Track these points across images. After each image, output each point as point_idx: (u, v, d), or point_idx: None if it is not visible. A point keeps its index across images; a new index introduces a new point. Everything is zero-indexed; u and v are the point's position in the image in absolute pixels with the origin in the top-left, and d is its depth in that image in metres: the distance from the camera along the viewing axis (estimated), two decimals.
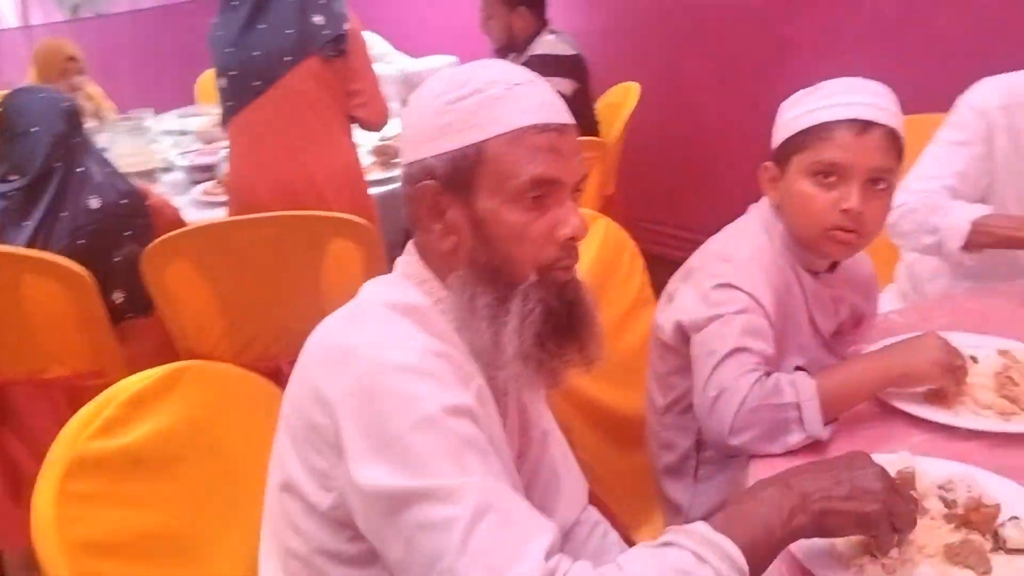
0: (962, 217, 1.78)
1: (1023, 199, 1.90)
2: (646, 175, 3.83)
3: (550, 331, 1.00)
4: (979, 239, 1.76)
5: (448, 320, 1.01)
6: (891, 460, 1.15)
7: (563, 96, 1.05)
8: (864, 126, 1.29)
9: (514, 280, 0.99)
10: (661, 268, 1.89)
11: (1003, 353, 1.39)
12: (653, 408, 1.58)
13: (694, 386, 1.34)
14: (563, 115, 1.02)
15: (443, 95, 1.00)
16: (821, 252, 1.39)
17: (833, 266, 1.46)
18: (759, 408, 1.22)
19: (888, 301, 2.12)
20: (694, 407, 1.33)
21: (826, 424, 1.22)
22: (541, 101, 1.00)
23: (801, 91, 1.40)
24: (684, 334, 1.39)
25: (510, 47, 3.35)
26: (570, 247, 1.01)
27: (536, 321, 0.98)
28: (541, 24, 3.33)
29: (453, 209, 1.00)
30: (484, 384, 0.99)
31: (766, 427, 1.22)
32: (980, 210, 1.79)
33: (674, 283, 1.50)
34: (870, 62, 2.98)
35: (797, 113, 1.37)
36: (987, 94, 1.89)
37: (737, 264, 1.35)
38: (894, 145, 1.33)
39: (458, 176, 0.99)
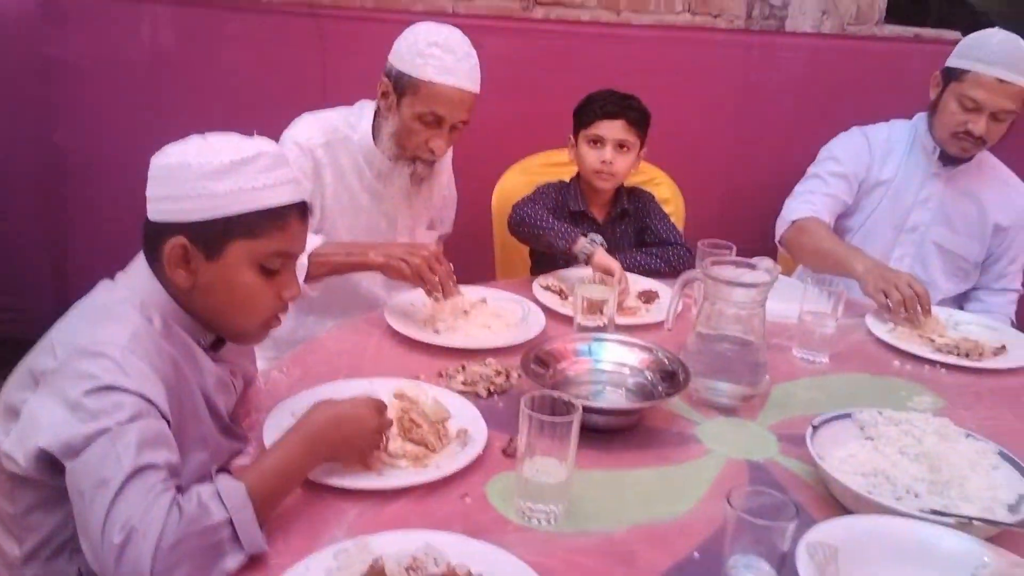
0: None
1: (353, 231, 1.97)
2: None
3: None
4: (317, 270, 1.76)
5: None
6: (348, 549, 1.02)
7: None
8: (303, 209, 1.20)
9: None
10: None
11: (399, 396, 1.37)
12: (5, 562, 1.14)
13: (81, 528, 0.99)
14: None
15: None
16: (250, 340, 1.25)
17: (220, 338, 1.26)
18: (183, 540, 0.95)
19: None
20: (89, 557, 0.98)
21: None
22: None
23: (215, 145, 1.15)
24: (51, 461, 1.01)
25: None
26: None
27: None
28: None
29: None
30: None
31: (196, 561, 0.96)
32: (315, 241, 1.79)
33: (14, 392, 1.09)
34: (155, 93, 2.83)
35: (233, 187, 1.12)
36: (310, 131, 1.90)
37: (114, 358, 1.03)
38: None
39: None
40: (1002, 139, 2.13)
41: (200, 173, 1.11)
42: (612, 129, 2.07)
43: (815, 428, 1.33)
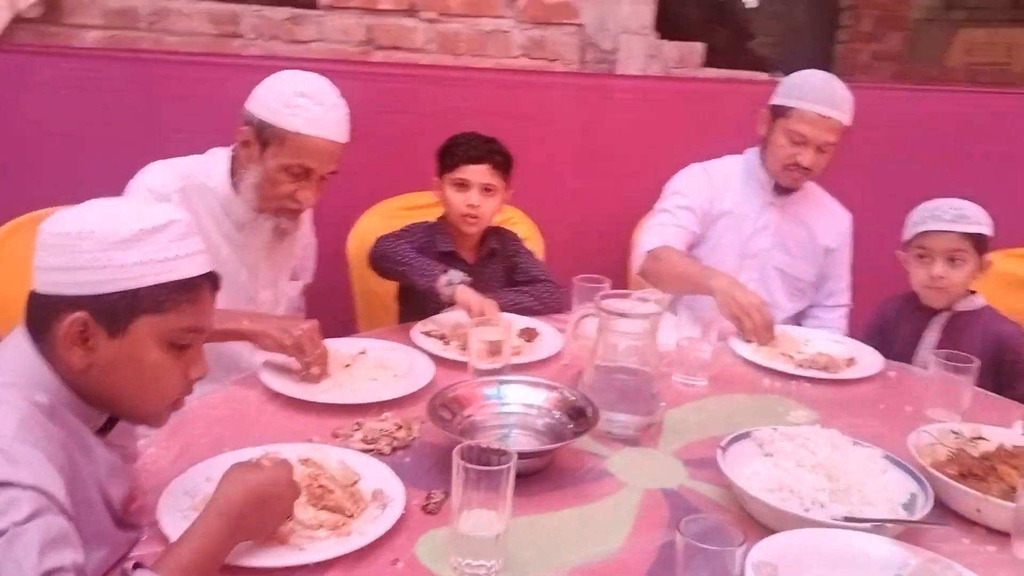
0: None
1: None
2: None
3: None
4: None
5: None
6: None
7: None
8: (214, 281, 1.13)
9: None
10: None
11: (304, 462, 1.28)
12: None
13: None
14: None
15: None
16: (154, 422, 1.14)
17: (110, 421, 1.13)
18: None
19: None
20: None
21: None
22: None
23: (120, 212, 1.06)
24: None
25: None
26: None
27: None
28: None
29: None
30: None
31: None
32: None
33: None
34: None
35: (142, 258, 1.02)
36: (164, 177, 1.78)
37: (2, 450, 0.88)
38: None
39: None
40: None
41: (105, 243, 1.00)
42: (477, 173, 2.08)
43: (723, 450, 1.37)
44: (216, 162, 1.84)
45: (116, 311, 1.01)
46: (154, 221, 1.03)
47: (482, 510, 1.11)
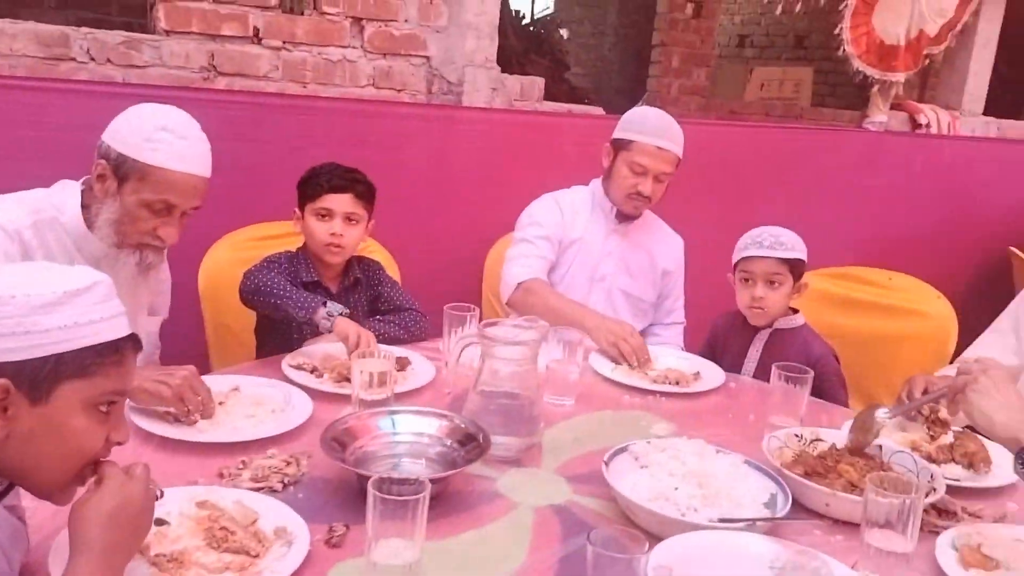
0: None
1: None
2: None
3: None
4: None
5: None
6: None
7: None
8: (136, 343, 1.09)
9: None
10: None
11: (201, 504, 1.25)
12: None
13: None
14: None
15: None
16: (58, 497, 1.07)
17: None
18: None
19: None
20: None
21: None
22: None
23: (39, 275, 1.01)
24: None
25: None
26: None
27: None
28: None
29: None
30: None
31: None
32: None
33: None
34: None
35: (67, 321, 0.98)
36: (13, 212, 1.67)
37: None
38: None
39: None
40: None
41: (28, 307, 0.96)
42: (340, 202, 2.08)
43: (607, 465, 1.47)
44: (66, 196, 1.74)
45: (39, 377, 0.97)
46: (77, 284, 1.00)
47: (395, 539, 1.14)
